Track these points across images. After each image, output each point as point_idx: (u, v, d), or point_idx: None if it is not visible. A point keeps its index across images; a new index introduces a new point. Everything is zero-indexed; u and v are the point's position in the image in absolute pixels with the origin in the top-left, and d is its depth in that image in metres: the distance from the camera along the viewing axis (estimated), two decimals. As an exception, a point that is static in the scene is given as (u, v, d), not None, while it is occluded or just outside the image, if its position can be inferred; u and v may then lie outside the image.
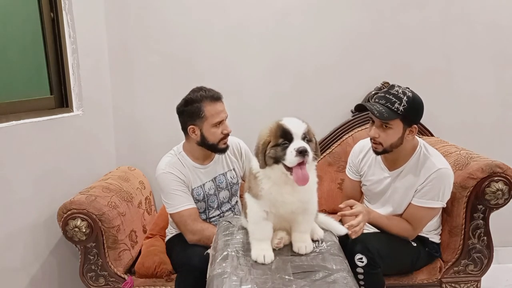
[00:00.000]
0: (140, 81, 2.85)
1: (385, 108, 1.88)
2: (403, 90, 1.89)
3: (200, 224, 2.07)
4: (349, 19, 2.81)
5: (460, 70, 2.85)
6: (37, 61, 2.41)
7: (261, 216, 1.53)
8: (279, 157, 1.44)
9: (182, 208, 2.07)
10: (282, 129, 1.43)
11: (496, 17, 2.79)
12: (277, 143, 1.44)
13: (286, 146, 1.43)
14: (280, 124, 1.45)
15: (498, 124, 2.89)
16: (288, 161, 1.42)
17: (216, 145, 2.09)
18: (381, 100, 1.91)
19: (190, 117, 2.06)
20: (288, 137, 1.43)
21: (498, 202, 2.07)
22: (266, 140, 1.46)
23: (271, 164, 1.46)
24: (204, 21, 2.80)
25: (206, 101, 2.04)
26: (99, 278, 2.20)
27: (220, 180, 2.21)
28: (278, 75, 2.87)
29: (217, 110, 2.06)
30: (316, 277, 1.41)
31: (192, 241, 2.06)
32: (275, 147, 1.44)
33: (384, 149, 1.95)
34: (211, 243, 1.99)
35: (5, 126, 2.10)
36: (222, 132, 2.08)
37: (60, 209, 2.11)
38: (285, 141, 1.43)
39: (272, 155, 1.45)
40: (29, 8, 2.35)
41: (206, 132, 2.06)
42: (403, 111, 1.85)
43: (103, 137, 2.79)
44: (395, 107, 1.86)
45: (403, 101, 1.86)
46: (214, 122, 2.05)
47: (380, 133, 1.92)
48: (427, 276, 2.16)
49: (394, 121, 1.88)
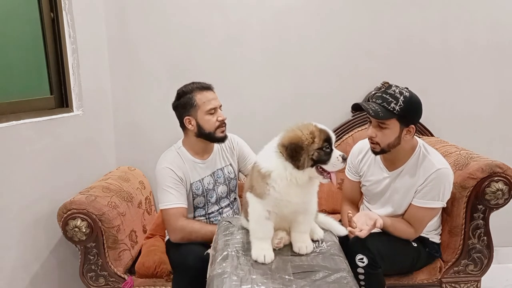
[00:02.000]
0: (140, 81, 2.85)
1: (381, 107, 1.88)
2: (400, 90, 1.89)
3: (181, 222, 2.07)
4: (349, 19, 2.81)
5: (460, 70, 2.85)
6: (37, 61, 2.41)
7: (263, 215, 1.54)
8: (322, 161, 1.48)
9: (170, 206, 2.08)
10: (326, 134, 1.50)
11: (496, 17, 2.79)
12: (321, 146, 1.48)
13: (329, 151, 1.48)
14: (322, 129, 1.51)
15: (498, 124, 2.89)
16: (332, 165, 1.49)
17: (213, 134, 2.13)
18: (378, 100, 1.91)
19: (184, 108, 2.12)
20: (330, 143, 1.50)
21: (498, 202, 2.08)
22: (309, 142, 1.47)
23: (308, 166, 1.48)
24: (204, 21, 2.80)
25: (197, 90, 2.12)
26: (99, 278, 2.20)
27: (218, 175, 2.24)
28: (278, 75, 2.87)
29: (208, 97, 2.11)
30: (316, 277, 1.41)
31: (176, 240, 2.07)
32: (319, 150, 1.48)
33: (381, 149, 1.95)
34: (195, 239, 2.02)
35: (5, 126, 2.10)
36: (217, 119, 2.11)
37: (60, 209, 2.11)
38: (329, 146, 1.49)
39: (316, 157, 1.48)
40: (29, 8, 2.35)
41: (201, 121, 2.10)
42: (399, 110, 1.85)
43: (103, 137, 2.79)
44: (391, 106, 1.86)
45: (399, 101, 1.85)
46: (207, 109, 2.09)
47: (377, 133, 1.92)
48: (427, 276, 2.16)
49: (391, 121, 1.88)
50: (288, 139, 1.49)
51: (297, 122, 1.54)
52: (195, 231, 2.05)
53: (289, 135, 1.50)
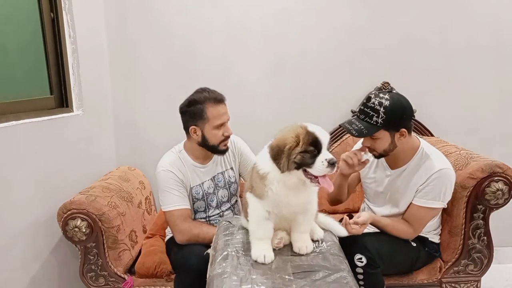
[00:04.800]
0: (140, 81, 2.85)
1: (364, 123, 1.87)
2: (379, 101, 1.85)
3: (188, 223, 2.07)
4: (349, 19, 2.81)
5: (460, 70, 2.85)
6: (37, 61, 2.41)
7: (263, 215, 1.53)
8: (305, 164, 1.43)
9: (174, 207, 2.07)
10: (313, 137, 1.43)
11: (496, 17, 2.79)
12: (306, 150, 1.43)
13: (315, 154, 1.43)
14: (310, 131, 1.44)
15: (498, 124, 2.89)
16: (316, 170, 1.43)
17: (217, 147, 2.10)
18: (361, 115, 1.90)
19: (192, 117, 2.07)
20: (317, 146, 1.43)
21: (498, 202, 2.08)
22: (292, 145, 1.43)
23: (292, 169, 1.45)
24: (204, 21, 2.80)
25: (209, 102, 2.04)
26: (99, 278, 2.20)
27: (218, 179, 2.22)
28: (278, 75, 2.87)
29: (219, 112, 2.06)
30: (316, 277, 1.41)
31: (182, 242, 2.06)
32: (302, 154, 1.43)
33: (380, 154, 1.96)
34: (202, 241, 2.01)
35: (5, 126, 2.10)
36: (223, 134, 2.08)
37: (60, 209, 2.11)
38: (315, 150, 1.43)
39: (298, 161, 1.43)
40: (29, 8, 2.35)
41: (207, 134, 2.07)
42: (382, 122, 1.84)
43: (103, 137, 2.79)
44: (373, 120, 1.85)
45: (380, 113, 1.84)
46: (216, 124, 2.05)
47: (370, 143, 1.93)
48: (427, 276, 2.16)
49: (378, 132, 1.87)
50: (275, 141, 1.48)
51: (293, 123, 1.50)
52: (203, 233, 2.04)
53: (277, 137, 1.49)
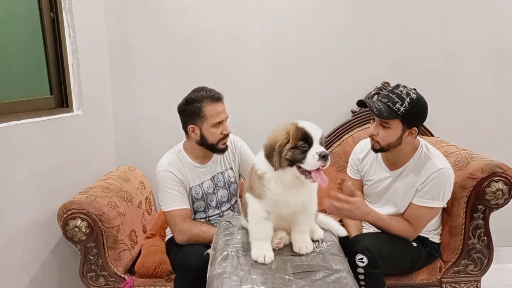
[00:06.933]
0: (140, 81, 2.85)
1: (385, 106, 1.87)
2: (408, 91, 1.88)
3: (187, 223, 2.07)
4: (349, 19, 2.81)
5: (460, 70, 2.85)
6: (37, 61, 2.41)
7: (263, 215, 1.53)
8: (297, 160, 1.43)
9: (174, 207, 2.08)
10: (303, 132, 1.43)
11: (497, 17, 2.79)
12: (296, 145, 1.43)
13: (305, 149, 1.42)
14: (299, 127, 1.44)
15: (498, 124, 2.89)
16: (308, 164, 1.42)
17: (215, 145, 2.10)
18: (384, 99, 1.90)
19: (191, 116, 2.08)
20: (308, 141, 1.42)
21: (498, 202, 2.08)
22: (283, 142, 1.44)
23: (285, 166, 1.45)
24: (204, 21, 2.80)
25: (207, 101, 2.05)
26: (99, 278, 2.20)
27: (218, 179, 2.23)
28: (278, 75, 2.87)
29: (217, 110, 2.06)
30: (316, 277, 1.41)
31: (182, 242, 2.06)
32: (293, 150, 1.43)
33: (381, 147, 1.95)
34: (202, 241, 2.01)
35: (5, 126, 2.10)
36: (221, 132, 2.09)
37: (60, 209, 2.11)
38: (305, 145, 1.42)
39: (290, 157, 1.43)
40: (29, 8, 2.35)
41: (205, 132, 2.08)
42: (404, 111, 1.85)
43: (103, 137, 2.79)
44: (396, 107, 1.86)
45: (405, 102, 1.85)
46: (214, 122, 2.05)
47: (379, 131, 1.92)
48: (427, 276, 2.16)
49: (394, 121, 1.88)
50: (268, 140, 1.49)
51: (283, 122, 1.50)
52: (202, 233, 2.04)
53: (270, 136, 1.49)
